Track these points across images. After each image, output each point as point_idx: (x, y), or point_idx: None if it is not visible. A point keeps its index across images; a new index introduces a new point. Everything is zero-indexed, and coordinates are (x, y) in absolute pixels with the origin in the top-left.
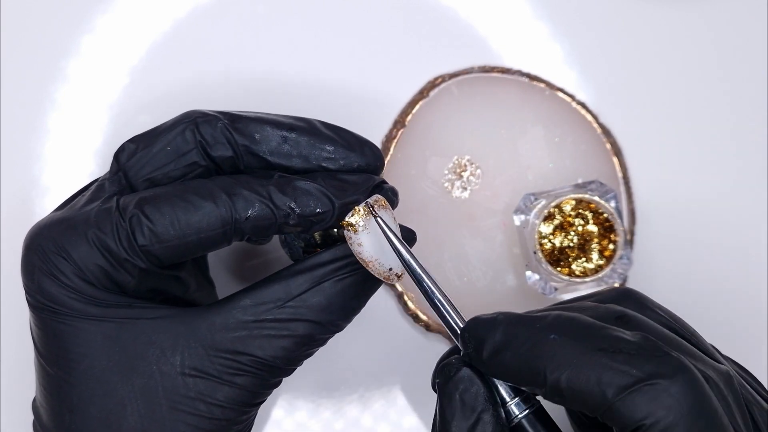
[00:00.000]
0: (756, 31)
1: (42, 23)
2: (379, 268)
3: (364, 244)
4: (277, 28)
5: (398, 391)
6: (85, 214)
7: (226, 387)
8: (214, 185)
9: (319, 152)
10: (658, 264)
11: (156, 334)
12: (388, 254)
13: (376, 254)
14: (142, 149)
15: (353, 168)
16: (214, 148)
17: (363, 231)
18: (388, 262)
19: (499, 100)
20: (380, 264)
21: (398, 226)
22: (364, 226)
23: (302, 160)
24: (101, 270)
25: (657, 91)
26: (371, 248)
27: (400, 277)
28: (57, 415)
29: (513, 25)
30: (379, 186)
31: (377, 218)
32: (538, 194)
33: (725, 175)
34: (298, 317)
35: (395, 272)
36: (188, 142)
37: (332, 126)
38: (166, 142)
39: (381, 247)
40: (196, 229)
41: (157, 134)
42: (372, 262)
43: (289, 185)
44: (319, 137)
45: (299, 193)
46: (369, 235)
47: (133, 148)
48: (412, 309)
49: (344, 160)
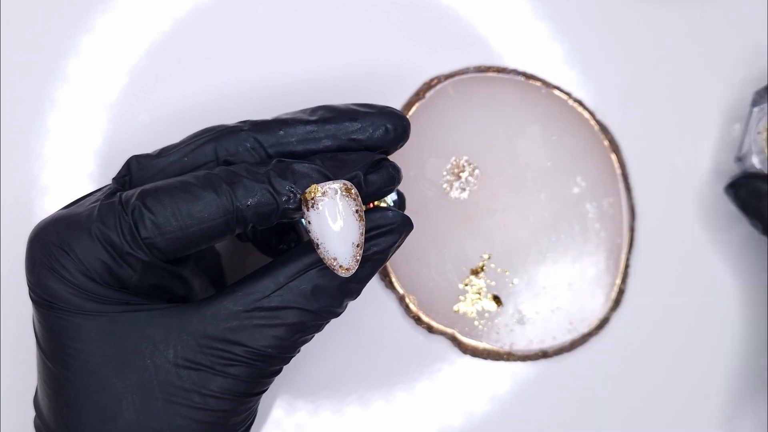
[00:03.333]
0: (755, 31)
1: (42, 23)
2: (324, 253)
3: (312, 224)
4: (276, 29)
5: (398, 392)
6: (89, 210)
7: (219, 377)
8: (214, 175)
9: (346, 127)
10: (657, 260)
11: (149, 328)
12: (335, 241)
13: (322, 238)
14: (156, 158)
15: (382, 133)
16: (238, 156)
17: (312, 210)
18: (334, 250)
19: (496, 100)
20: (326, 250)
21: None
22: (314, 205)
23: (332, 139)
24: (104, 265)
25: (656, 89)
26: (318, 231)
27: (345, 271)
28: (55, 409)
29: (513, 25)
30: (379, 162)
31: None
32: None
33: (725, 172)
34: (286, 305)
35: (339, 263)
36: (207, 155)
37: (349, 104)
38: (184, 153)
39: (327, 233)
40: (198, 219)
41: (174, 146)
42: (318, 245)
43: (287, 169)
44: (341, 114)
45: (298, 176)
46: (318, 217)
47: (149, 157)
48: (413, 311)
49: (372, 126)
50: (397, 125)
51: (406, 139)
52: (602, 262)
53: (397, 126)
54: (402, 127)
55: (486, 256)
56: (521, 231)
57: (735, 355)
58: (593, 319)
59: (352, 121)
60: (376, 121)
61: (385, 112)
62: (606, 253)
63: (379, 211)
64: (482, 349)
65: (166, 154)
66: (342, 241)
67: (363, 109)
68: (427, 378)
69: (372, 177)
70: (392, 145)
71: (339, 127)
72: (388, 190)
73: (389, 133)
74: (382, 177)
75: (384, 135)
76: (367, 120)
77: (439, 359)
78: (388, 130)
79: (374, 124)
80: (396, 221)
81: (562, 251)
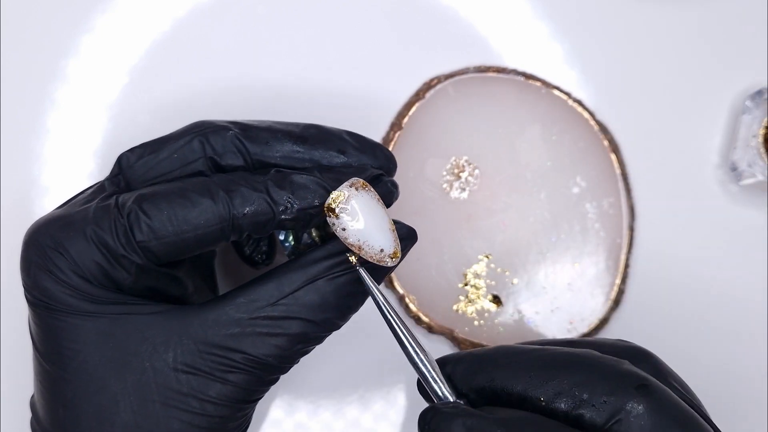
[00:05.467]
0: (755, 31)
1: (42, 23)
2: (369, 251)
3: (348, 228)
4: (276, 29)
5: (398, 391)
6: (84, 211)
7: (218, 384)
8: (212, 182)
9: (331, 157)
10: (657, 260)
11: (149, 330)
12: (374, 234)
13: (362, 236)
14: (147, 155)
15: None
16: (224, 157)
17: (343, 215)
18: (377, 243)
19: (496, 100)
20: (370, 247)
21: (384, 209)
22: (342, 210)
23: (314, 165)
24: (98, 267)
25: (655, 89)
26: (355, 233)
27: (395, 257)
28: (52, 410)
29: (513, 25)
30: (377, 177)
31: (359, 269)
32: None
33: (724, 172)
34: (290, 315)
35: (387, 253)
36: (195, 151)
37: (341, 130)
38: (173, 150)
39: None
40: (194, 225)
41: (164, 142)
42: (360, 247)
43: (286, 179)
44: (331, 143)
45: (296, 187)
46: (351, 220)
47: (139, 153)
48: (414, 311)
49: (357, 163)
50: (383, 167)
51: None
52: (602, 262)
53: (383, 168)
54: (387, 169)
55: (486, 256)
56: (521, 231)
57: (735, 354)
58: (593, 319)
59: (340, 153)
60: (362, 160)
61: (374, 152)
62: (606, 253)
63: None
64: None
65: (155, 151)
66: (380, 230)
67: (353, 143)
68: None
69: None
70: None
71: (324, 155)
72: (386, 205)
73: (373, 174)
74: (381, 191)
75: (368, 174)
76: (354, 156)
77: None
78: (373, 171)
79: (360, 162)
80: (401, 233)
81: (562, 251)
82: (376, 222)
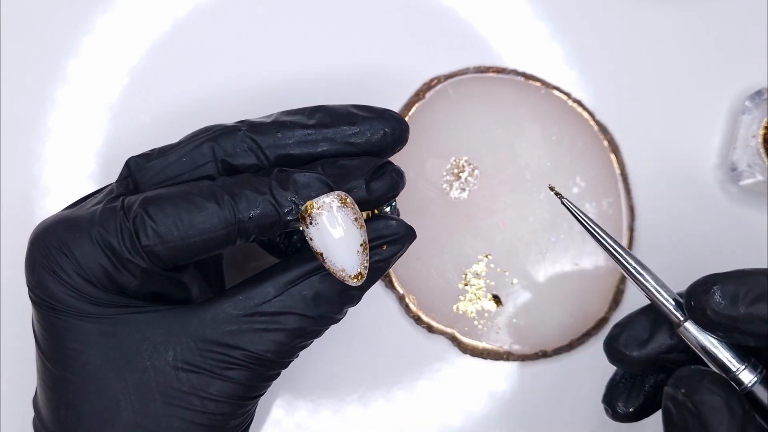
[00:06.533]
0: (755, 31)
1: (42, 23)
2: (332, 267)
3: (314, 240)
4: (276, 29)
5: (398, 391)
6: (90, 213)
7: (218, 381)
8: (216, 186)
9: (344, 131)
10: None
11: (149, 330)
12: (339, 253)
13: (327, 252)
14: (156, 158)
15: (380, 137)
16: (235, 157)
17: (312, 227)
18: (340, 262)
19: (496, 100)
20: (332, 263)
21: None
22: (312, 221)
23: (329, 143)
24: (102, 269)
25: (655, 89)
26: (321, 245)
27: (357, 278)
28: (54, 410)
29: (513, 25)
30: (382, 167)
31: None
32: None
33: (724, 172)
34: (287, 310)
35: (348, 273)
36: (204, 155)
37: (347, 105)
38: (183, 153)
39: (331, 245)
40: (200, 230)
41: (173, 146)
42: (324, 259)
43: (289, 179)
44: (340, 118)
45: (300, 186)
46: (318, 232)
47: (148, 156)
48: (413, 311)
49: (370, 130)
50: (396, 129)
51: (405, 142)
52: (602, 262)
53: (396, 130)
54: (400, 130)
55: (486, 256)
56: (521, 231)
57: None
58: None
59: (350, 125)
60: (374, 125)
61: (383, 116)
62: (606, 253)
63: (383, 220)
64: (482, 348)
65: (164, 155)
66: (347, 250)
67: (361, 113)
68: (427, 378)
69: (375, 184)
70: (390, 148)
71: (337, 131)
72: (392, 196)
73: (387, 137)
74: (386, 184)
75: (382, 139)
76: (365, 124)
77: (438, 359)
78: (386, 134)
79: (372, 128)
80: (399, 231)
81: (562, 251)
82: (345, 242)
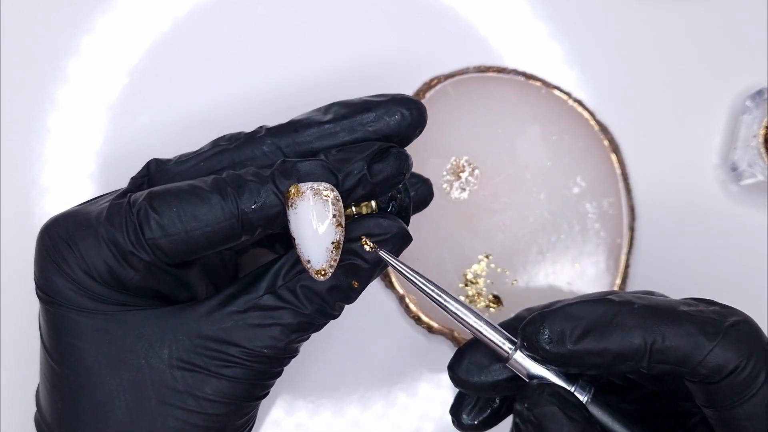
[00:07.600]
0: (755, 31)
1: (42, 23)
2: (300, 253)
3: (291, 223)
4: (276, 29)
5: (398, 391)
6: (99, 209)
7: (214, 379)
8: (221, 179)
9: (362, 118)
10: (657, 260)
11: (145, 327)
12: (308, 243)
13: (298, 239)
14: (175, 162)
15: (398, 119)
16: (254, 160)
17: (291, 210)
18: (307, 252)
19: (496, 100)
20: (300, 251)
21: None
22: (292, 204)
23: (348, 132)
24: (105, 265)
25: (655, 89)
26: (294, 230)
27: (320, 274)
28: (53, 404)
29: (513, 25)
30: (386, 150)
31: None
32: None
33: (724, 172)
34: (281, 305)
35: (313, 267)
36: (223, 161)
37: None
38: (202, 158)
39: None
40: (203, 222)
41: (194, 152)
42: (295, 245)
43: (291, 168)
44: (355, 107)
45: (303, 174)
46: (295, 216)
47: (169, 160)
48: (414, 311)
49: (387, 114)
50: (413, 109)
51: (424, 123)
52: (602, 262)
53: (413, 110)
54: (417, 111)
55: (486, 256)
56: (521, 231)
57: None
58: None
59: (367, 112)
60: (390, 109)
61: (398, 99)
62: (606, 253)
63: (374, 218)
64: None
65: (184, 159)
66: (316, 243)
67: (376, 99)
68: (427, 378)
69: (378, 166)
70: (410, 130)
71: (354, 120)
72: (398, 180)
73: (405, 119)
74: (389, 165)
75: (400, 121)
76: (381, 109)
77: (439, 359)
78: (404, 115)
79: (389, 112)
80: (389, 231)
81: (562, 251)
82: (316, 234)
